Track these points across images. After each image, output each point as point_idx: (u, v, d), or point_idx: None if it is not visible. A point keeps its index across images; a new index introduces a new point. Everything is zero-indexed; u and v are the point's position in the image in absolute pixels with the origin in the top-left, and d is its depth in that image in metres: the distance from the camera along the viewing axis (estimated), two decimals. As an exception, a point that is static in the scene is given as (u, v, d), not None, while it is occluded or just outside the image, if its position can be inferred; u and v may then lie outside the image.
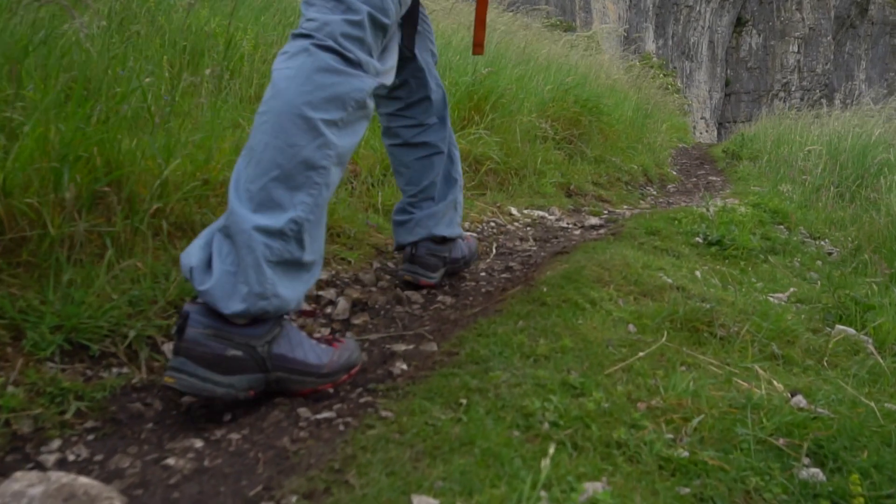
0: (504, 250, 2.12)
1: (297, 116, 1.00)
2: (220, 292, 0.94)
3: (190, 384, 0.91)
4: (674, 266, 1.89)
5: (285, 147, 0.99)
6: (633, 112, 5.76)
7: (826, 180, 3.81)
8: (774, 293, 1.92)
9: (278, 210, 0.98)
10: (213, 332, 0.94)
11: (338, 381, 1.03)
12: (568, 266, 1.62)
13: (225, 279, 0.94)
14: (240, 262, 0.95)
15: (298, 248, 1.00)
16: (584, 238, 2.22)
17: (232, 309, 0.93)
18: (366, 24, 1.10)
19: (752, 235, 2.35)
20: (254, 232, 0.95)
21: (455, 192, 1.67)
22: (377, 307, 1.49)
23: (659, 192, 4.27)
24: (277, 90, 1.03)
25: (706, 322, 1.40)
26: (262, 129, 1.01)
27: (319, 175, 1.02)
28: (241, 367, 0.94)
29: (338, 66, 1.05)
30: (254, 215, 0.96)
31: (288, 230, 0.98)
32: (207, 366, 0.92)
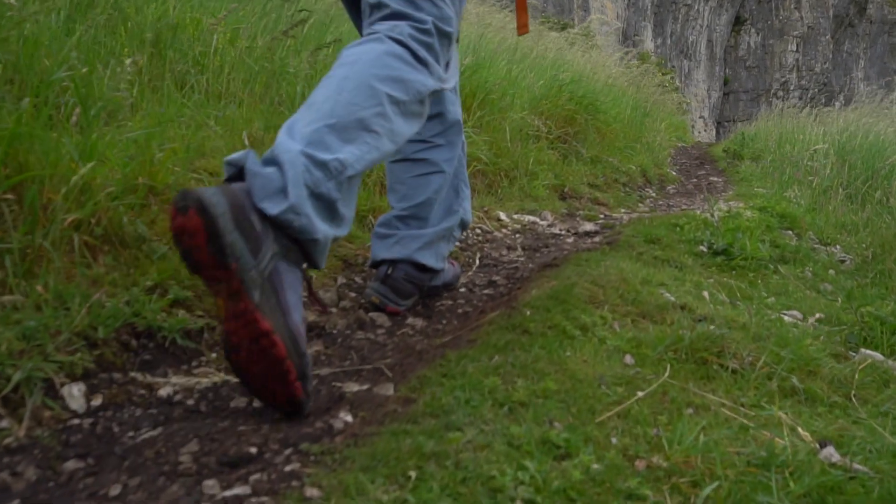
0: (489, 261, 1.92)
1: (364, 83, 1.05)
2: (261, 189, 0.92)
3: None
4: (676, 280, 1.69)
5: (346, 104, 1.02)
6: (632, 110, 5.57)
7: (834, 182, 3.61)
8: (788, 310, 1.73)
9: (327, 150, 0.99)
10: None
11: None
12: (556, 283, 1.42)
13: (270, 180, 0.92)
14: (283, 175, 0.93)
15: (336, 190, 0.98)
16: (578, 247, 2.02)
17: (263, 206, 0.91)
18: (433, 31, 1.17)
19: (760, 243, 2.16)
20: (300, 155, 0.95)
21: (452, 223, 1.51)
22: (335, 333, 1.29)
23: (658, 193, 4.08)
24: (346, 62, 1.08)
25: (715, 351, 1.20)
26: (326, 86, 1.05)
27: (372, 137, 1.04)
28: (259, 244, 0.89)
29: (406, 57, 1.12)
30: (303, 147, 0.97)
31: (332, 167, 0.98)
32: (237, 226, 0.88)
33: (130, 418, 0.94)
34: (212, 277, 0.88)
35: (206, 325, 1.22)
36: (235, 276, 0.86)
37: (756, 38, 31.02)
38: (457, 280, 1.65)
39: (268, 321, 0.88)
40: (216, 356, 1.16)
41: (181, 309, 1.23)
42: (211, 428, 0.90)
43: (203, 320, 1.22)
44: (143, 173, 1.53)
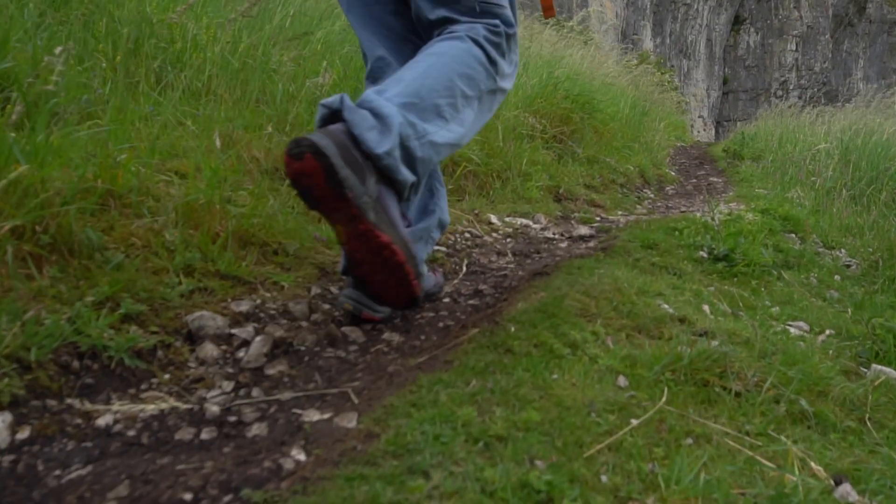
0: (477, 268, 1.82)
1: (445, 76, 1.19)
2: (360, 125, 1.06)
3: (329, 165, 1.04)
4: (675, 289, 1.59)
5: (429, 89, 1.16)
6: (630, 109, 5.47)
7: (838, 183, 3.51)
8: (794, 321, 1.62)
9: (414, 116, 1.13)
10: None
11: (434, 283, 1.46)
12: (545, 294, 1.32)
13: (366, 119, 1.07)
14: (381, 120, 1.09)
15: (419, 149, 1.15)
16: (571, 253, 1.92)
17: (363, 140, 1.06)
18: (502, 33, 1.30)
19: (763, 248, 2.05)
20: (398, 110, 1.10)
21: (429, 223, 1.45)
22: (303, 350, 1.19)
23: (657, 194, 3.97)
24: (434, 52, 1.22)
25: (717, 372, 1.09)
26: (415, 69, 1.18)
27: (441, 122, 1.19)
28: (362, 173, 1.06)
29: (482, 58, 1.26)
30: (397, 106, 1.11)
31: (419, 129, 1.14)
32: (343, 158, 1.04)
33: (60, 453, 0.83)
34: (332, 208, 1.07)
35: (159, 343, 1.11)
36: (353, 204, 1.04)
37: (755, 38, 30.97)
38: (439, 289, 1.54)
39: (386, 235, 1.09)
40: (169, 377, 1.06)
41: (133, 325, 1.12)
42: (148, 466, 0.80)
43: (157, 337, 1.12)
44: (102, 175, 1.43)
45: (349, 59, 2.82)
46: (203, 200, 1.53)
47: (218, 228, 1.49)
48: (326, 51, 3.02)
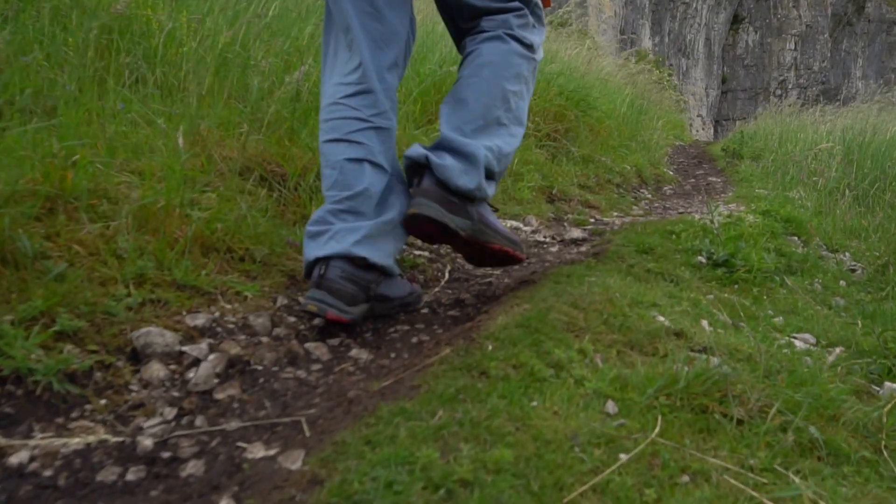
0: (460, 274, 1.71)
1: (498, 87, 1.35)
2: (452, 171, 1.28)
3: (430, 212, 1.28)
4: (671, 298, 1.48)
5: (487, 106, 1.34)
6: (627, 107, 5.36)
7: (841, 183, 3.40)
8: (799, 333, 1.51)
9: (483, 138, 1.33)
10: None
11: (521, 249, 1.44)
12: (530, 307, 1.20)
13: (457, 166, 1.28)
14: (467, 165, 1.30)
15: (497, 165, 1.36)
16: (561, 258, 1.81)
17: (459, 184, 1.28)
18: (527, 13, 1.42)
19: (765, 252, 1.94)
20: (481, 147, 1.31)
21: (392, 215, 1.33)
22: (260, 370, 1.08)
23: (654, 194, 3.86)
24: (483, 62, 1.36)
25: (717, 396, 0.98)
26: (472, 87, 1.35)
27: (504, 129, 1.38)
28: (461, 211, 1.32)
29: (521, 51, 1.39)
30: (472, 140, 1.32)
31: (494, 149, 1.34)
32: (440, 203, 1.29)
33: (-41, 499, 0.72)
34: (448, 242, 1.37)
35: (97, 364, 1.00)
36: (465, 236, 1.31)
37: (754, 37, 30.93)
38: (417, 300, 1.42)
39: (496, 243, 1.37)
40: (105, 403, 0.95)
41: (68, 343, 1.01)
42: (57, 516, 0.68)
43: (95, 357, 1.01)
44: (50, 176, 1.31)
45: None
46: (162, 203, 1.42)
47: (177, 234, 1.38)
48: (311, 45, 2.91)
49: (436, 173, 1.27)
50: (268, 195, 1.86)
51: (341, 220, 1.27)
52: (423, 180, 1.29)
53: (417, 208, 1.26)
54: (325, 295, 1.19)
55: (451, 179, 1.27)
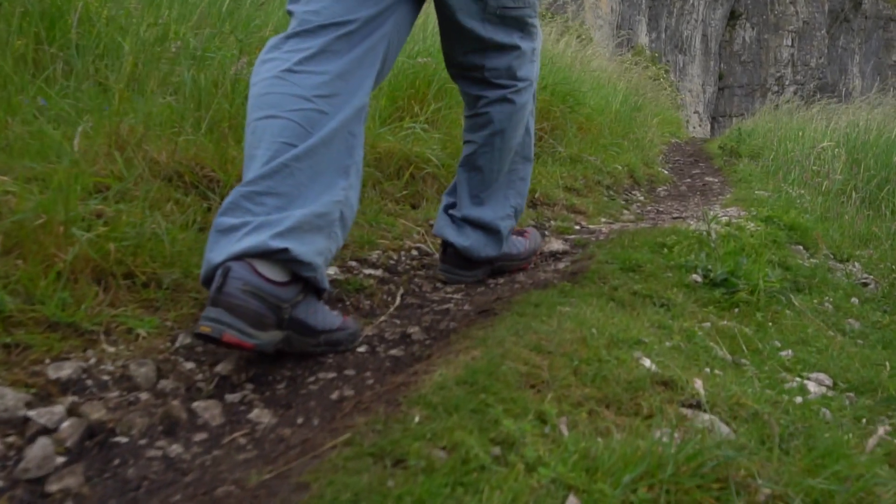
0: (415, 299, 1.46)
1: (510, 149, 1.55)
2: (475, 249, 1.56)
3: (452, 278, 1.60)
4: (660, 331, 1.24)
5: (498, 172, 1.56)
6: (621, 104, 5.11)
7: (847, 185, 3.16)
8: (812, 372, 1.27)
9: (503, 203, 1.60)
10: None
11: (530, 261, 1.73)
12: (480, 353, 0.96)
13: (479, 243, 1.57)
14: (488, 238, 1.58)
15: (516, 220, 1.65)
16: (535, 279, 1.56)
17: (482, 257, 1.58)
18: (525, 49, 1.46)
19: (769, 268, 1.70)
20: (496, 222, 1.58)
21: (334, 198, 1.08)
22: (124, 442, 0.83)
23: (647, 196, 3.62)
24: (495, 130, 1.50)
25: (715, 487, 0.74)
26: (487, 157, 1.53)
27: (515, 174, 1.62)
28: (478, 266, 1.62)
29: (526, 100, 1.52)
30: (491, 212, 1.58)
31: (510, 213, 1.61)
32: (460, 267, 1.61)
33: None
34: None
35: None
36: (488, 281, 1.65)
37: (751, 33, 30.81)
38: (351, 339, 1.14)
39: (511, 269, 1.72)
40: None
41: None
42: None
43: None
44: None
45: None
46: (44, 219, 1.17)
47: (57, 257, 1.13)
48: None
49: (461, 251, 1.55)
50: (198, 205, 1.61)
51: (259, 203, 1.02)
52: (447, 254, 1.59)
53: (449, 276, 1.59)
54: (222, 314, 0.93)
55: (477, 253, 1.55)
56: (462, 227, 1.57)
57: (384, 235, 1.85)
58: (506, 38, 1.37)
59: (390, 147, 2.24)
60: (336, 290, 1.41)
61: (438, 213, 1.64)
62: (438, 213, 1.64)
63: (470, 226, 1.57)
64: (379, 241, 1.78)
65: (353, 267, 1.57)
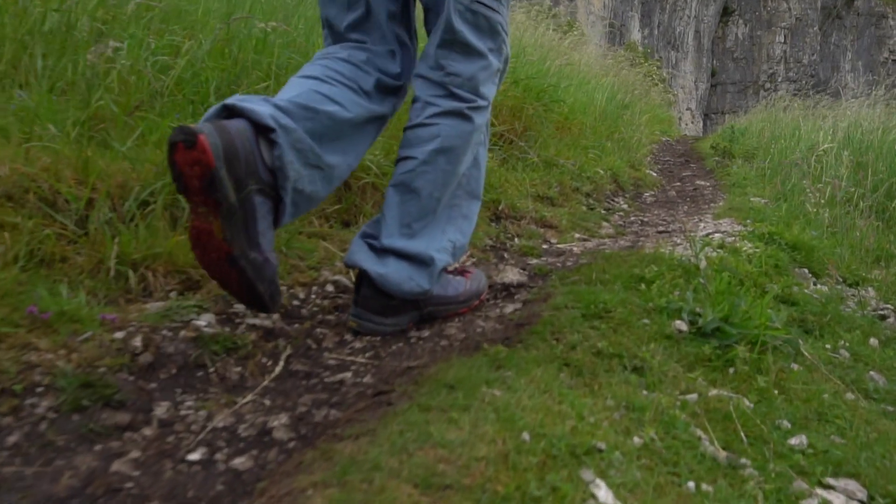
0: (305, 364, 1.10)
1: (455, 176, 1.29)
2: (395, 281, 1.22)
3: (367, 327, 1.22)
4: (626, 422, 0.88)
5: (443, 197, 1.28)
6: (607, 101, 4.77)
7: (853, 193, 2.82)
8: (837, 476, 0.92)
9: (438, 236, 1.28)
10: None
11: (471, 305, 1.37)
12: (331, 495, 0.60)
13: (401, 275, 1.23)
14: (414, 272, 1.24)
15: (452, 258, 1.32)
16: (468, 332, 1.20)
17: (404, 292, 1.23)
18: (494, 64, 1.32)
19: (772, 309, 1.35)
20: (428, 252, 1.25)
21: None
22: None
23: (631, 204, 3.27)
24: (437, 147, 1.26)
25: None
26: (425, 180, 1.26)
27: (456, 210, 1.32)
28: (403, 310, 1.25)
29: (481, 122, 1.31)
30: (423, 243, 1.26)
31: (448, 247, 1.30)
32: (379, 312, 1.23)
33: None
34: None
35: None
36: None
37: (744, 30, 30.67)
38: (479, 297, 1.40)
39: (449, 314, 1.38)
40: None
41: None
42: None
43: None
44: None
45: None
46: None
47: None
48: (206, 22, 2.30)
49: (378, 284, 1.22)
50: (38, 231, 1.24)
51: None
52: (361, 293, 1.25)
53: (356, 321, 1.25)
54: None
55: (398, 287, 1.23)
56: (383, 257, 1.25)
57: (296, 265, 1.49)
58: (477, 40, 1.27)
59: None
60: (198, 352, 1.05)
61: (354, 239, 1.28)
62: (353, 240, 1.28)
63: (394, 256, 1.24)
64: (286, 274, 1.42)
65: (236, 314, 1.21)
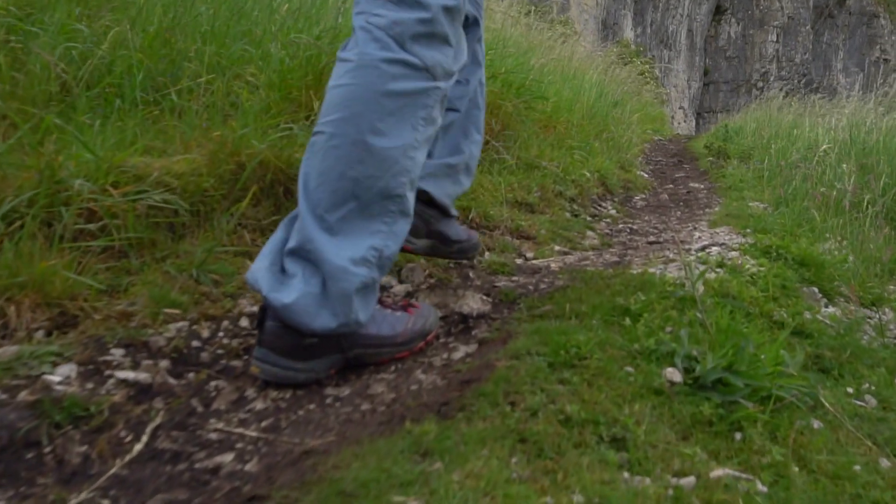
0: (177, 439, 0.83)
1: (370, 146, 0.99)
2: (303, 311, 0.95)
3: (273, 373, 0.96)
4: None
5: (362, 178, 0.99)
6: (596, 99, 4.52)
7: (862, 197, 2.58)
8: None
9: (358, 237, 1.00)
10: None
11: (414, 348, 1.09)
12: None
13: (309, 300, 0.96)
14: (327, 291, 0.97)
15: (379, 275, 1.02)
16: (399, 393, 0.94)
17: (316, 327, 0.96)
18: (439, 18, 1.03)
19: (785, 350, 1.09)
20: (339, 263, 0.97)
21: (458, 160, 1.35)
22: None
23: (620, 209, 3.02)
24: (346, 114, 0.99)
25: None
26: (335, 156, 0.99)
27: (395, 204, 1.03)
28: (319, 351, 0.98)
29: (406, 84, 1.01)
30: (337, 247, 0.98)
31: (370, 257, 1.00)
32: (288, 355, 0.96)
33: None
34: None
35: None
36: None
37: (736, 28, 30.62)
38: (474, 248, 1.45)
39: (382, 358, 1.07)
40: None
41: None
42: None
43: None
44: None
45: None
46: None
47: None
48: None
49: (282, 316, 0.96)
50: None
51: None
52: (265, 327, 0.97)
53: (258, 366, 0.97)
54: None
55: (305, 322, 0.96)
56: (287, 275, 0.98)
57: (208, 293, 1.22)
58: None
59: (256, 154, 1.61)
60: (34, 423, 0.79)
61: (262, 249, 1.02)
62: (263, 247, 1.03)
63: (301, 266, 0.98)
64: (191, 305, 1.16)
65: (109, 362, 0.94)
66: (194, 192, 1.52)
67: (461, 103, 1.37)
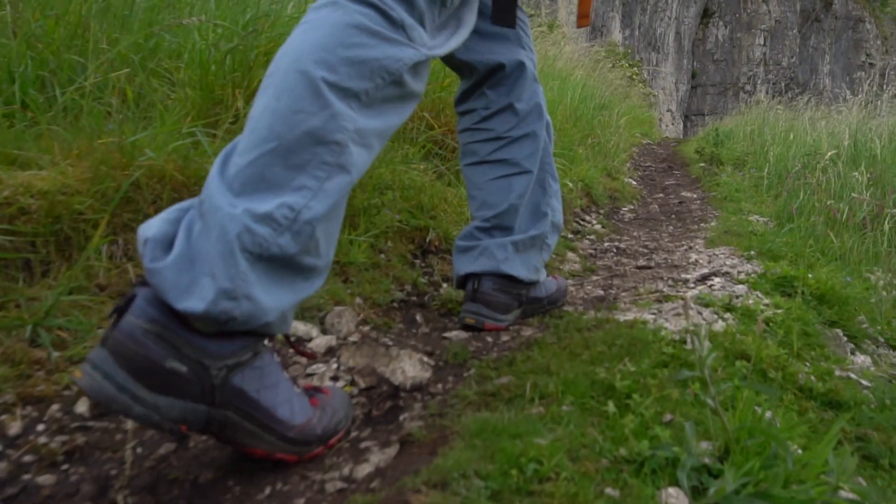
0: None
1: (302, 74, 0.75)
2: (174, 278, 0.66)
3: (100, 389, 0.63)
4: None
5: (288, 113, 0.74)
6: (580, 101, 4.23)
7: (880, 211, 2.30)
8: None
9: (269, 191, 0.72)
10: (156, 330, 0.65)
11: (306, 454, 0.76)
12: None
13: (183, 263, 0.67)
14: (208, 247, 0.68)
15: (292, 243, 0.72)
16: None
17: (185, 305, 0.65)
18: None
19: (834, 453, 0.79)
20: (231, 211, 0.69)
21: (543, 229, 1.32)
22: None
23: (606, 223, 2.72)
24: (290, 46, 0.79)
25: None
26: (265, 93, 0.77)
27: (331, 153, 0.75)
28: (179, 387, 0.66)
29: (371, 25, 0.81)
30: (236, 196, 0.70)
31: (280, 217, 0.71)
32: (134, 373, 0.64)
33: None
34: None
35: None
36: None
37: (724, 32, 30.67)
38: (563, 296, 1.42)
39: (253, 447, 0.73)
40: None
41: None
42: None
43: None
44: None
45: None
46: None
47: None
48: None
49: (151, 281, 0.66)
50: None
51: (489, 235, 1.29)
52: (132, 304, 0.67)
53: (87, 372, 0.64)
54: (480, 307, 1.23)
55: (169, 293, 0.65)
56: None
57: (40, 359, 0.89)
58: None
59: (147, 166, 1.28)
60: None
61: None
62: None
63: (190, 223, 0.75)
64: (11, 380, 0.83)
65: None
66: (63, 217, 1.20)
67: (532, 162, 1.28)
